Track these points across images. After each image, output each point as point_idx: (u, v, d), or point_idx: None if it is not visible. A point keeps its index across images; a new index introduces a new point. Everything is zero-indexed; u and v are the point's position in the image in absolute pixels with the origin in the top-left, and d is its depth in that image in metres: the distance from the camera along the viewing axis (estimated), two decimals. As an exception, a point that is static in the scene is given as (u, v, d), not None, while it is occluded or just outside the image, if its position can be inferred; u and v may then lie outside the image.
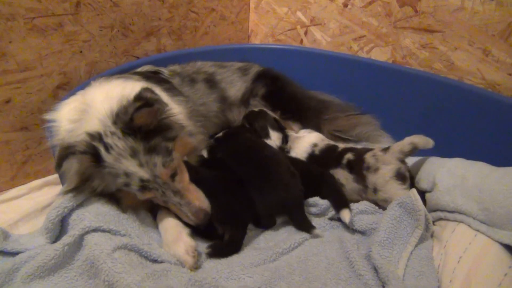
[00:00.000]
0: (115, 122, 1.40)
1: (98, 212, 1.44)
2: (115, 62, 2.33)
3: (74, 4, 2.02)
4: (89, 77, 2.21)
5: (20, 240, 1.53)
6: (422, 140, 1.69)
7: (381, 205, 1.72)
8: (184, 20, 2.59)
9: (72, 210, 1.47)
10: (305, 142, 2.01)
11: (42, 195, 2.03)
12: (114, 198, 1.51)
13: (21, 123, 2.04)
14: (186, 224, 1.52)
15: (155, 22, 2.44)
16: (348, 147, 1.90)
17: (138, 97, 1.41)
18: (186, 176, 1.54)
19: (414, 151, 1.70)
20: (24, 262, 1.37)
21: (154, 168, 1.40)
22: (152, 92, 1.47)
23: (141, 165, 1.38)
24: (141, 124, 1.40)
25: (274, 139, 2.00)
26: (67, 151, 1.34)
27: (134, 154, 1.38)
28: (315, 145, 1.97)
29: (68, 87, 2.13)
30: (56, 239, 1.48)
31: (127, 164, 1.37)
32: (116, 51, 2.31)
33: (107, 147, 1.37)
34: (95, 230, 1.38)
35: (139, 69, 2.08)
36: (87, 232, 1.38)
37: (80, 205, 1.47)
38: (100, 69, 2.26)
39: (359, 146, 2.00)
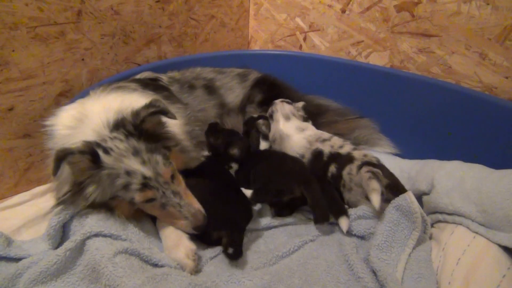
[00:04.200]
0: (116, 128, 1.44)
1: (99, 218, 1.45)
2: (116, 70, 2.36)
3: (75, 13, 2.05)
4: (91, 84, 2.23)
5: (23, 246, 1.54)
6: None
7: None
8: (184, 27, 2.62)
9: (73, 216, 1.49)
10: (291, 149, 1.92)
11: (44, 202, 2.03)
12: (106, 208, 1.48)
13: (23, 130, 2.06)
14: None
15: (156, 30, 2.46)
16: (333, 153, 1.81)
17: (151, 105, 1.49)
18: (182, 181, 1.57)
19: None
20: (27, 267, 1.38)
21: (156, 166, 1.42)
22: (163, 102, 1.55)
23: (143, 162, 1.41)
24: (148, 128, 1.48)
25: (261, 148, 2.02)
26: (64, 152, 1.32)
27: (136, 152, 1.41)
28: (302, 156, 1.89)
29: (70, 94, 2.16)
30: (58, 245, 1.50)
31: (129, 162, 1.39)
32: (117, 59, 2.34)
33: (107, 150, 1.39)
34: (96, 235, 1.39)
35: (138, 76, 2.10)
36: (88, 237, 1.39)
37: (81, 211, 1.49)
38: (101, 77, 2.29)
39: (343, 143, 1.87)
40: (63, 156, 1.32)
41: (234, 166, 1.92)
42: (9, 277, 1.36)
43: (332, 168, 1.77)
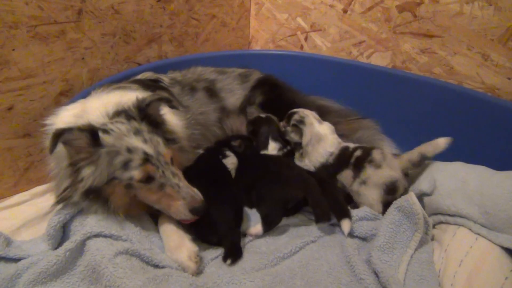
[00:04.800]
0: (117, 115, 1.48)
1: (100, 218, 1.45)
2: (116, 69, 2.35)
3: (76, 12, 2.05)
4: (91, 83, 2.22)
5: (22, 246, 1.54)
6: (431, 148, 1.67)
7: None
8: (185, 26, 2.61)
9: (73, 216, 1.49)
10: (324, 148, 1.92)
11: (44, 201, 2.03)
12: (102, 198, 1.45)
13: (23, 129, 2.05)
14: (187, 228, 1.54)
15: (157, 29, 2.46)
16: (358, 145, 1.87)
17: (156, 94, 1.57)
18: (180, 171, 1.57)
19: (423, 161, 1.70)
20: (26, 268, 1.38)
21: (157, 146, 1.44)
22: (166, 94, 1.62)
23: (145, 141, 1.42)
24: (151, 114, 1.53)
25: (270, 149, 1.98)
26: (62, 130, 1.30)
27: (137, 132, 1.43)
28: (331, 154, 1.90)
29: (70, 94, 2.15)
30: (58, 245, 1.50)
31: (130, 140, 1.40)
32: (117, 58, 2.33)
33: (107, 131, 1.39)
34: (96, 235, 1.39)
35: (139, 76, 2.10)
36: (88, 238, 1.38)
37: (81, 211, 1.48)
38: (102, 76, 2.28)
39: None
40: (61, 132, 1.29)
41: (231, 156, 1.92)
42: (8, 277, 1.35)
43: (358, 153, 1.81)
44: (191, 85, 2.17)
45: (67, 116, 1.58)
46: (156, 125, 1.53)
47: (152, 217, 1.62)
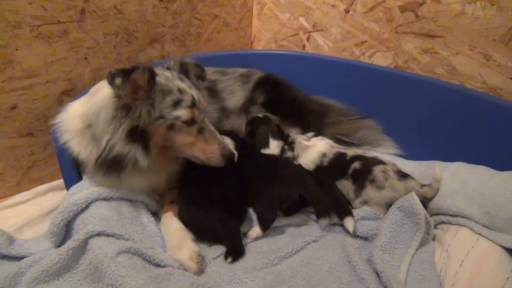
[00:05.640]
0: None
1: (102, 217, 1.46)
2: (119, 69, 2.35)
3: (79, 12, 2.05)
4: (94, 83, 2.19)
5: (25, 245, 1.54)
6: (435, 182, 1.67)
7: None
8: (188, 26, 2.61)
9: (77, 215, 1.49)
10: (314, 151, 1.95)
11: (46, 200, 2.05)
12: (143, 140, 1.46)
13: (26, 129, 2.06)
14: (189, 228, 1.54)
15: (159, 29, 2.46)
16: (357, 155, 1.86)
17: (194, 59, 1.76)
18: None
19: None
20: (29, 266, 1.38)
21: (198, 93, 1.60)
22: None
23: (190, 87, 1.58)
24: (188, 70, 1.71)
25: (272, 147, 1.98)
26: (132, 67, 1.37)
27: (182, 79, 1.60)
28: (324, 155, 1.92)
29: (73, 93, 2.16)
30: (60, 243, 1.50)
31: (179, 83, 1.54)
32: (120, 58, 2.33)
33: (157, 74, 1.48)
34: (99, 234, 1.39)
35: None
36: (91, 237, 1.39)
37: (84, 210, 1.49)
38: (104, 76, 2.22)
39: (364, 151, 1.96)
40: (131, 69, 1.36)
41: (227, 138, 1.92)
42: (11, 276, 1.36)
43: (356, 165, 1.79)
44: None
45: (76, 105, 1.65)
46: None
47: (153, 214, 1.63)
